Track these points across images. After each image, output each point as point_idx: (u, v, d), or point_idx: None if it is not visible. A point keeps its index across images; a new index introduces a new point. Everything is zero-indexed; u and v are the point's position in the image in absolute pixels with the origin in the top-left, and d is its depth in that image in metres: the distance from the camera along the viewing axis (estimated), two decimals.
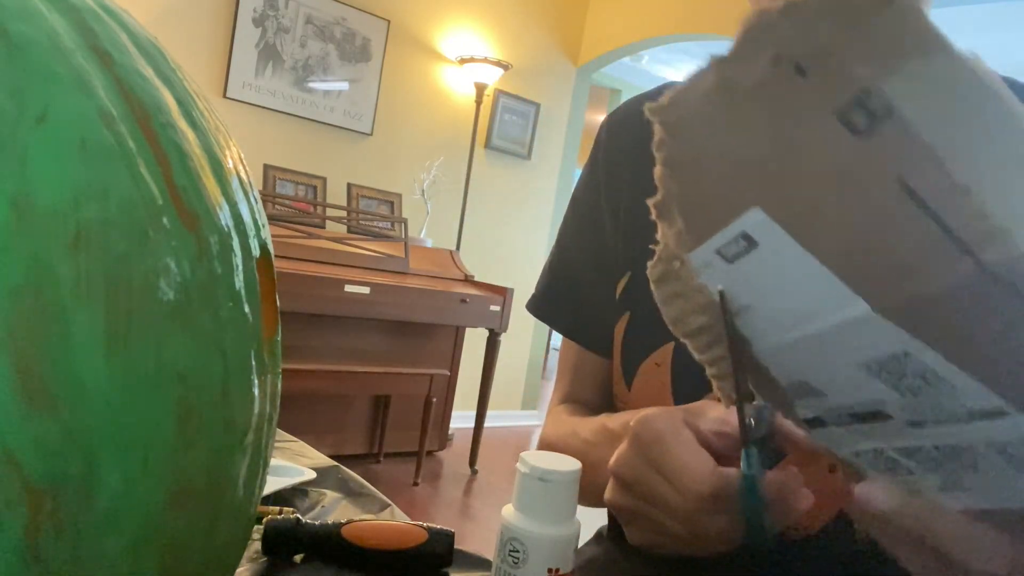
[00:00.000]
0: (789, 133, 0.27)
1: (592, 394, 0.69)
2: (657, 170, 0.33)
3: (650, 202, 0.35)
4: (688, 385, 0.59)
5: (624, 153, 0.66)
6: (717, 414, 0.44)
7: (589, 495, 0.51)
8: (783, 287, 0.30)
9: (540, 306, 0.73)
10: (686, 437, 0.42)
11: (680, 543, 0.43)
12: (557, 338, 6.95)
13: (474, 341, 3.47)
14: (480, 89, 3.44)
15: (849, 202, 0.26)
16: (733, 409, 0.43)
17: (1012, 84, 0.57)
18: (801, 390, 0.33)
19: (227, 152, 0.35)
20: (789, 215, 0.28)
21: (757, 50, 0.27)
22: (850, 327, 0.28)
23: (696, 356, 0.38)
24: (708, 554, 0.44)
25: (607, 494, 0.45)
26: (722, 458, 0.42)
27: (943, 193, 0.23)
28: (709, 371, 0.39)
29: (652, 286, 0.37)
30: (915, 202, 0.24)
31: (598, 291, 0.67)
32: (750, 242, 0.30)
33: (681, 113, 0.31)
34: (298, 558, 0.55)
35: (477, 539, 2.46)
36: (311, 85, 3.13)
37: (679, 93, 0.31)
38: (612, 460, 0.44)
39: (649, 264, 0.37)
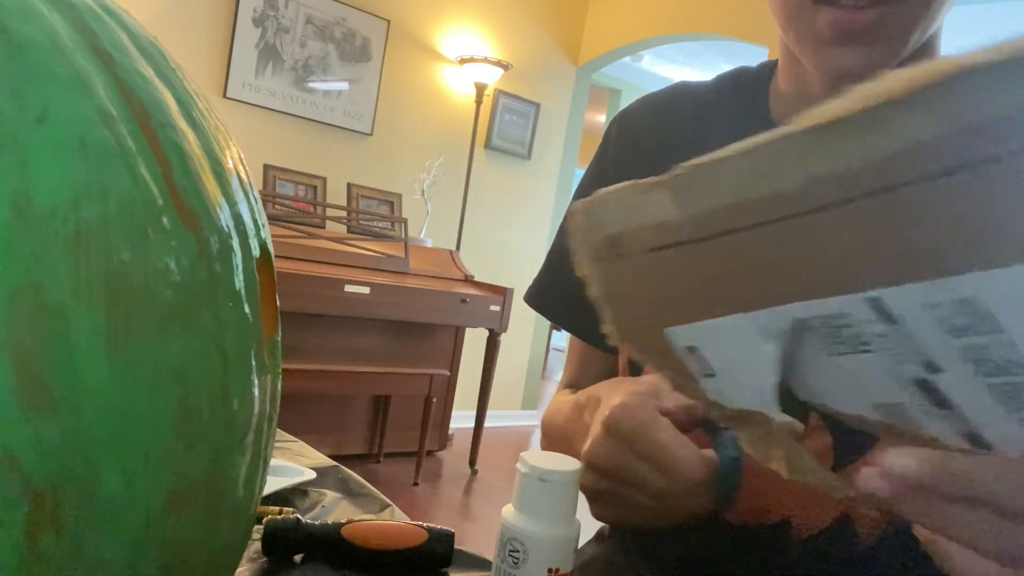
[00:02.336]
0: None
1: (596, 382, 0.70)
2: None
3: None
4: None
5: (635, 151, 0.66)
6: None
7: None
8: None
9: (538, 298, 0.73)
10: (666, 425, 0.44)
11: (647, 517, 0.46)
12: (557, 338, 6.95)
13: (474, 341, 3.47)
14: (480, 89, 3.44)
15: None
16: None
17: None
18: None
19: (227, 152, 0.35)
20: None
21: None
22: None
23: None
24: (669, 523, 0.46)
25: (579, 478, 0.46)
26: (685, 432, 0.44)
27: None
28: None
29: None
30: None
31: None
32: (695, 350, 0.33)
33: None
34: (298, 558, 0.55)
35: (477, 539, 2.46)
36: (311, 85, 3.13)
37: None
38: (586, 449, 0.45)
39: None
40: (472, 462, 3.18)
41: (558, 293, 0.71)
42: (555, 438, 0.62)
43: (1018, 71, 0.19)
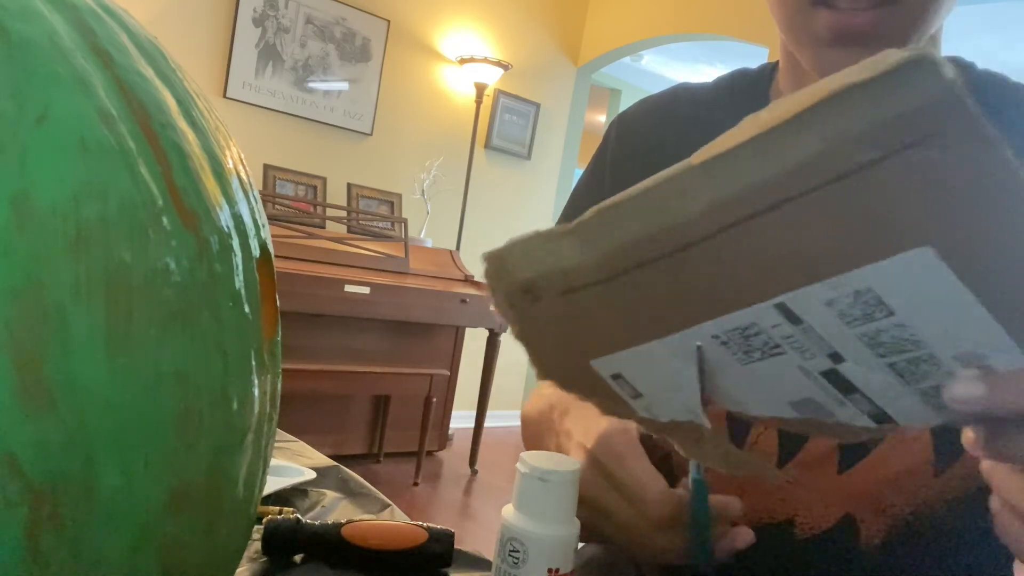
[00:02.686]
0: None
1: None
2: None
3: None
4: None
5: (633, 154, 0.65)
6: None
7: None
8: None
9: None
10: (642, 456, 0.44)
11: (628, 552, 0.47)
12: None
13: (474, 341, 3.47)
14: (480, 89, 3.44)
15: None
16: None
17: (1005, 84, 0.56)
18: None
19: (227, 152, 0.35)
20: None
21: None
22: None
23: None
24: (647, 561, 0.47)
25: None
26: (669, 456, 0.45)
27: None
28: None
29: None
30: None
31: None
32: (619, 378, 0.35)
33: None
34: (298, 558, 0.55)
35: (477, 539, 2.46)
36: (311, 85, 3.13)
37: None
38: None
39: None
40: (472, 462, 3.18)
41: None
42: (529, 431, 0.63)
43: (884, 84, 0.21)
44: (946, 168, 0.22)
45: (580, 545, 0.56)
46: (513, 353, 3.99)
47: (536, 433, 0.59)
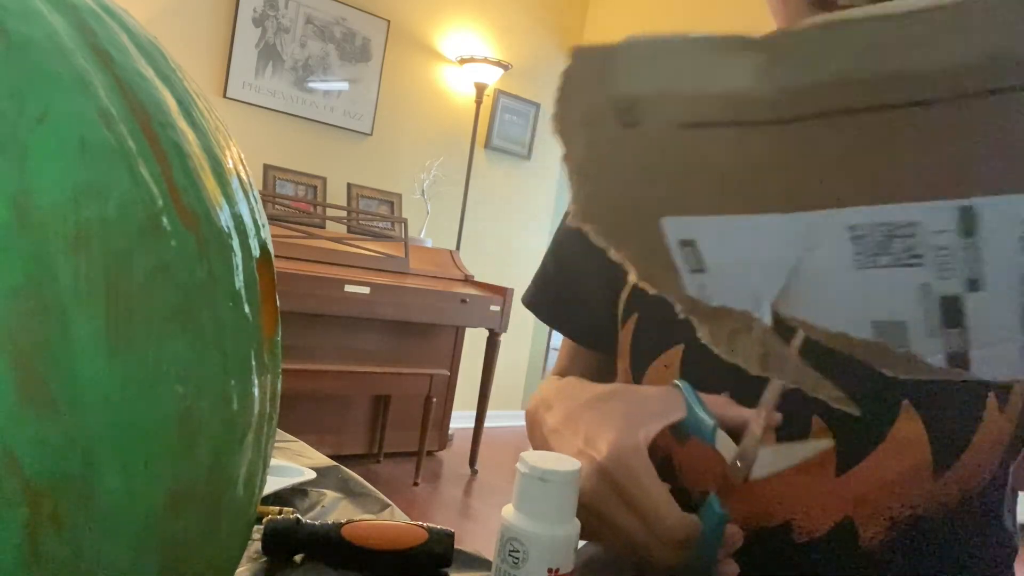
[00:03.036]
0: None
1: (584, 375, 0.70)
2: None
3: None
4: (697, 387, 0.59)
5: None
6: (655, 408, 0.47)
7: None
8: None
9: (533, 299, 0.73)
10: (655, 477, 0.44)
11: (623, 554, 0.46)
12: (557, 338, 6.96)
13: (474, 341, 3.46)
14: (480, 89, 3.44)
15: None
16: (669, 401, 0.46)
17: None
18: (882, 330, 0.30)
19: (227, 152, 0.35)
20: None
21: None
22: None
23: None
24: (641, 567, 0.46)
25: None
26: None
27: None
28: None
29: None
30: None
31: (592, 287, 0.67)
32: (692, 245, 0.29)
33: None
34: (298, 558, 0.55)
35: (477, 539, 2.46)
36: (311, 85, 3.13)
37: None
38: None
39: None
40: (472, 462, 3.18)
41: (552, 295, 0.71)
42: (528, 421, 0.64)
43: None
44: None
45: (580, 545, 0.56)
46: (513, 353, 3.99)
47: (530, 425, 0.60)
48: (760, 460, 0.45)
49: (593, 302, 0.67)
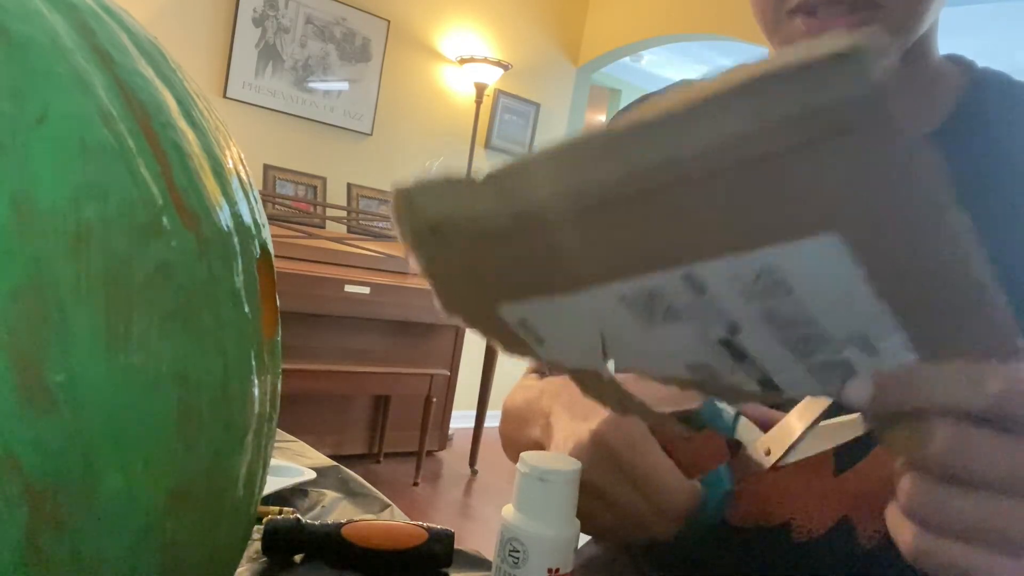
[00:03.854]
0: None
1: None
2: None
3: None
4: (693, 421, 0.59)
5: None
6: (665, 394, 0.47)
7: (522, 450, 0.56)
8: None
9: None
10: (656, 448, 0.44)
11: (615, 536, 0.46)
12: None
13: (474, 341, 3.47)
14: (480, 89, 3.44)
15: None
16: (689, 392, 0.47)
17: (1011, 83, 0.56)
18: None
19: (227, 152, 0.35)
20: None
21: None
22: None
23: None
24: (633, 542, 0.47)
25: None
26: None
27: None
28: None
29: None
30: None
31: None
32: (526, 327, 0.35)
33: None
34: (298, 558, 0.55)
35: (477, 539, 2.46)
36: (311, 85, 3.13)
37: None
38: (567, 455, 0.45)
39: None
40: (472, 462, 3.18)
41: None
42: (512, 417, 0.63)
43: (817, 71, 0.21)
44: (867, 161, 0.23)
45: (580, 544, 0.56)
46: None
47: (520, 421, 0.59)
48: (805, 443, 0.45)
49: None
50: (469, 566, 0.58)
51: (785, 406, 0.45)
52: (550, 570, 0.40)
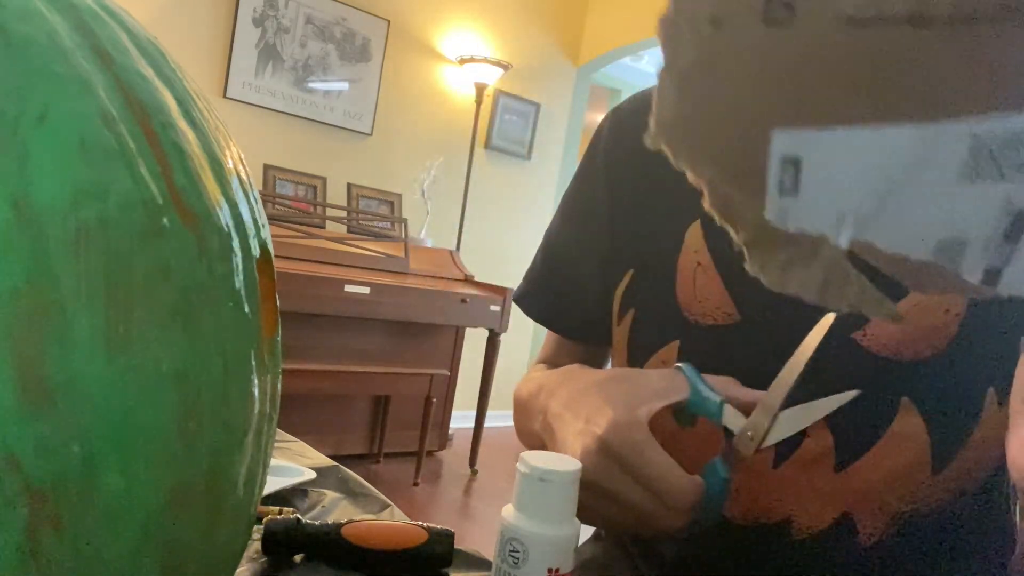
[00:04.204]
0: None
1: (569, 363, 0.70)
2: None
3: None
4: (685, 411, 0.59)
5: (627, 148, 0.64)
6: (656, 389, 0.48)
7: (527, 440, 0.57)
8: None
9: (524, 298, 0.73)
10: (659, 448, 0.45)
11: (630, 529, 0.47)
12: None
13: (474, 341, 3.47)
14: (480, 89, 3.44)
15: None
16: (671, 381, 0.48)
17: None
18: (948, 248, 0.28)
19: (227, 152, 0.35)
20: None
21: None
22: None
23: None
24: (641, 536, 0.47)
25: None
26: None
27: None
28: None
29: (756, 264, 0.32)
30: None
31: (585, 283, 0.67)
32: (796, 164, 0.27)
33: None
34: (298, 558, 0.55)
35: (477, 539, 2.46)
36: (311, 85, 3.13)
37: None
38: (578, 456, 0.46)
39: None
40: (472, 462, 3.18)
41: (543, 292, 0.71)
42: (519, 410, 0.64)
43: None
44: None
45: (580, 544, 0.56)
46: (513, 353, 3.99)
47: (525, 413, 0.60)
48: (777, 426, 0.46)
49: (586, 299, 0.67)
50: (469, 566, 0.58)
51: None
52: (550, 570, 0.40)
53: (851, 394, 0.46)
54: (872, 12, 0.22)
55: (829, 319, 0.47)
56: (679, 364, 0.50)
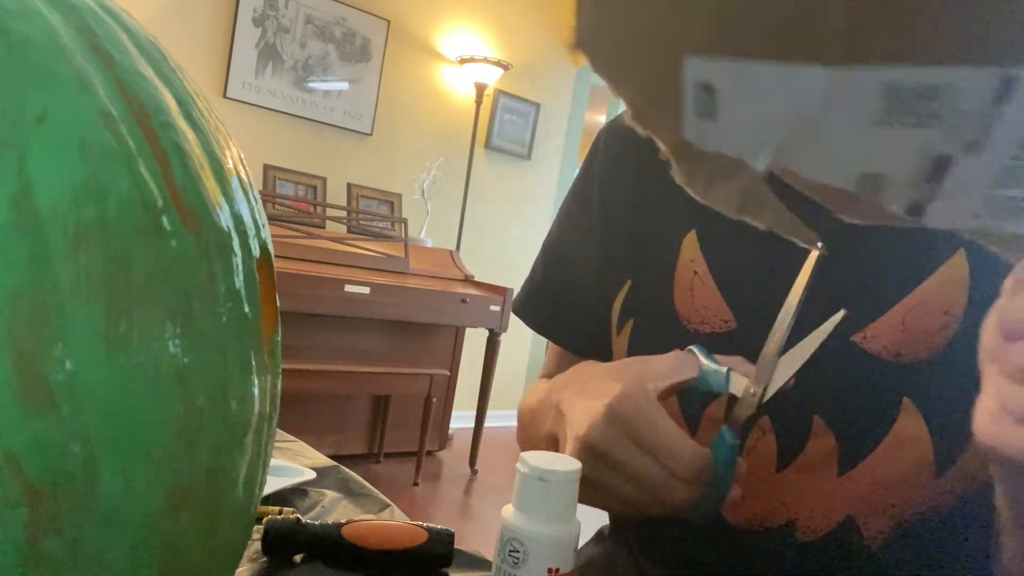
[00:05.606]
0: None
1: None
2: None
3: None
4: (694, 391, 0.59)
5: (623, 162, 0.65)
6: (666, 367, 0.48)
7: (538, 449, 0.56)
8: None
9: (523, 306, 0.73)
10: (667, 416, 0.45)
11: (634, 507, 0.47)
12: None
13: (474, 341, 3.47)
14: (480, 89, 3.44)
15: None
16: (680, 361, 0.48)
17: None
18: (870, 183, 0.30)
19: (227, 152, 0.35)
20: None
21: None
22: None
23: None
24: (650, 515, 0.47)
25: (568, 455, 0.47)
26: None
27: None
28: None
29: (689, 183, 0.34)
30: None
31: (583, 293, 0.67)
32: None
33: None
34: (298, 558, 0.55)
35: (477, 539, 2.46)
36: (311, 85, 3.13)
37: None
38: (584, 431, 0.46)
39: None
40: (472, 462, 3.18)
41: (542, 302, 0.71)
42: (526, 421, 0.63)
43: None
44: None
45: (580, 544, 0.56)
46: (513, 353, 3.99)
47: (532, 423, 0.60)
48: (777, 374, 0.46)
49: (585, 309, 0.67)
50: (469, 566, 0.58)
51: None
52: (550, 570, 0.40)
53: (839, 315, 0.46)
54: None
55: (811, 258, 0.46)
56: (691, 347, 0.50)
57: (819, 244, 0.40)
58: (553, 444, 0.53)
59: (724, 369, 0.48)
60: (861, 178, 0.28)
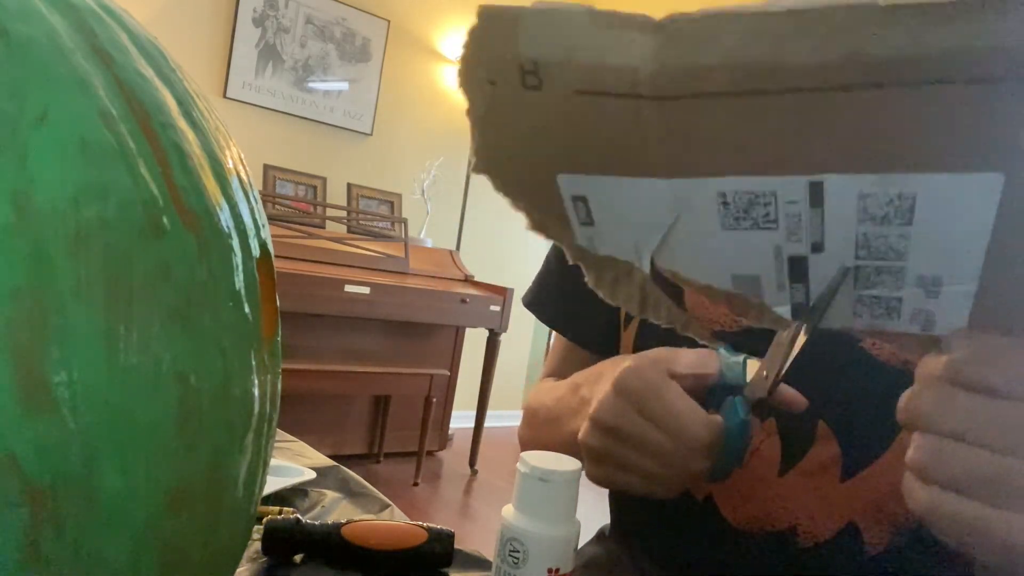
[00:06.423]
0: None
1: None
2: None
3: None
4: (721, 392, 0.59)
5: None
6: (689, 359, 0.47)
7: (558, 448, 0.55)
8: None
9: (534, 300, 0.73)
10: (675, 387, 0.45)
11: (646, 483, 0.46)
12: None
13: (474, 341, 3.46)
14: None
15: None
16: (705, 356, 0.47)
17: None
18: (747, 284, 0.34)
19: (227, 152, 0.35)
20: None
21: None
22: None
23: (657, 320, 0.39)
24: (666, 493, 0.46)
25: (581, 435, 0.47)
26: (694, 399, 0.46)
27: None
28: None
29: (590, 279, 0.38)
30: None
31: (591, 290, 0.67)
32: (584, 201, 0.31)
33: None
34: (298, 558, 0.55)
35: (477, 539, 2.46)
36: (311, 85, 3.13)
37: None
38: (593, 406, 0.46)
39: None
40: (472, 462, 3.18)
41: (553, 296, 0.71)
42: (541, 419, 0.63)
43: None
44: None
45: (580, 544, 0.55)
46: (513, 353, 3.99)
47: (552, 418, 0.59)
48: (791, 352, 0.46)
49: (595, 304, 0.67)
50: (469, 566, 0.58)
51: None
52: (550, 570, 0.40)
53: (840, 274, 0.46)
54: (595, 87, 0.26)
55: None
56: (720, 348, 0.50)
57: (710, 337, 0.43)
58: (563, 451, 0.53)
59: (741, 357, 0.47)
60: (736, 279, 0.32)
